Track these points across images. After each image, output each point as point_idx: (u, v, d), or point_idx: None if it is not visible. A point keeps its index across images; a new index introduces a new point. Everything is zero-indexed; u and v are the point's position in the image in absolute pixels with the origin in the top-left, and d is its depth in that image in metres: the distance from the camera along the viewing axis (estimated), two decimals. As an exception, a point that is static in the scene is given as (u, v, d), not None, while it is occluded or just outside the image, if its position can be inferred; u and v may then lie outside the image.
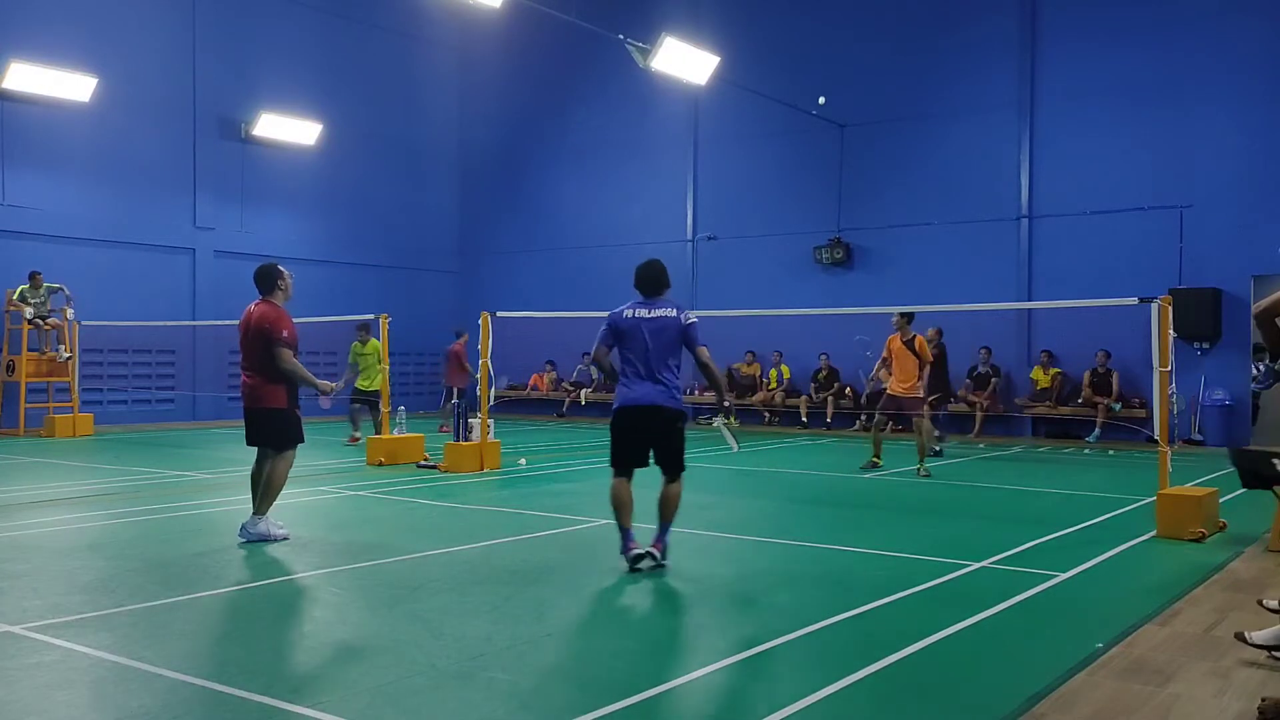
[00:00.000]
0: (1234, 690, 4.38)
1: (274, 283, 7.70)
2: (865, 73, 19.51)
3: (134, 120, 19.29)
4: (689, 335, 6.67)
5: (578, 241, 22.90)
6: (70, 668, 4.59)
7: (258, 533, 7.47)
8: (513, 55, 23.56)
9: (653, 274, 6.85)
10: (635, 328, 6.64)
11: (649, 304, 6.75)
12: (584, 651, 5.08)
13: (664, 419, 6.60)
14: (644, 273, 6.87)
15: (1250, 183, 16.11)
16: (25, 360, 17.08)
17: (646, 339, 6.60)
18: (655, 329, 6.61)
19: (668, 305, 6.74)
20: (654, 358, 6.58)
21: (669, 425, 6.62)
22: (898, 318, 12.43)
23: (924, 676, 4.57)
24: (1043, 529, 8.22)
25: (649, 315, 6.66)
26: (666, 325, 6.63)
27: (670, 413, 6.62)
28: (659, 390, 6.58)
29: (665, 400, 6.59)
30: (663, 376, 6.59)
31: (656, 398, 6.57)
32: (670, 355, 6.62)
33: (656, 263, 6.91)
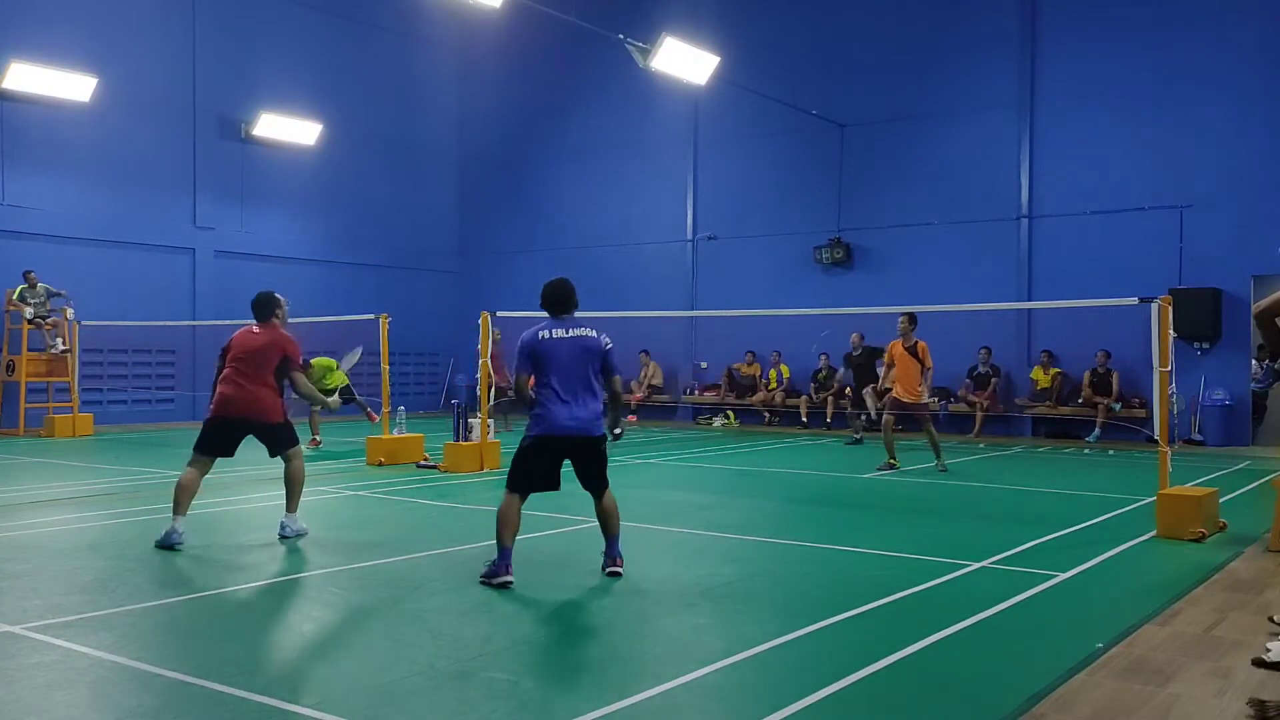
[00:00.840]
0: (1234, 690, 4.38)
1: (272, 310, 7.85)
2: (865, 73, 19.51)
3: (134, 120, 19.29)
4: (608, 360, 6.50)
5: (578, 241, 22.89)
6: (70, 668, 4.59)
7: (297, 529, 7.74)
8: (513, 55, 23.56)
9: (563, 293, 6.56)
10: (555, 349, 6.36)
11: (564, 323, 6.48)
12: (583, 651, 5.08)
13: (594, 447, 6.42)
14: (553, 292, 6.56)
15: (1250, 183, 16.11)
16: (25, 360, 17.08)
17: (568, 361, 6.35)
18: (577, 351, 6.39)
19: (584, 325, 6.52)
20: (578, 381, 6.34)
21: (597, 452, 6.45)
22: (903, 322, 12.39)
23: (924, 676, 4.57)
24: (1043, 529, 8.22)
25: (568, 335, 6.41)
26: (588, 347, 6.42)
27: (596, 440, 6.44)
28: (588, 417, 6.35)
29: (595, 428, 6.40)
30: (587, 401, 6.36)
31: (588, 427, 6.35)
32: (591, 377, 6.41)
33: (565, 282, 6.63)
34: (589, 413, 6.36)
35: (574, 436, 6.33)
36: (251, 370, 7.62)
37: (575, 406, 6.31)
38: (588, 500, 9.66)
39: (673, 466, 13.17)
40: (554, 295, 6.56)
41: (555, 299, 6.55)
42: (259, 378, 7.62)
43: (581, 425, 6.32)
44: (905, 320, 12.38)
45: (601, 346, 6.46)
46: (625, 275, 21.84)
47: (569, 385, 6.32)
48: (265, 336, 7.72)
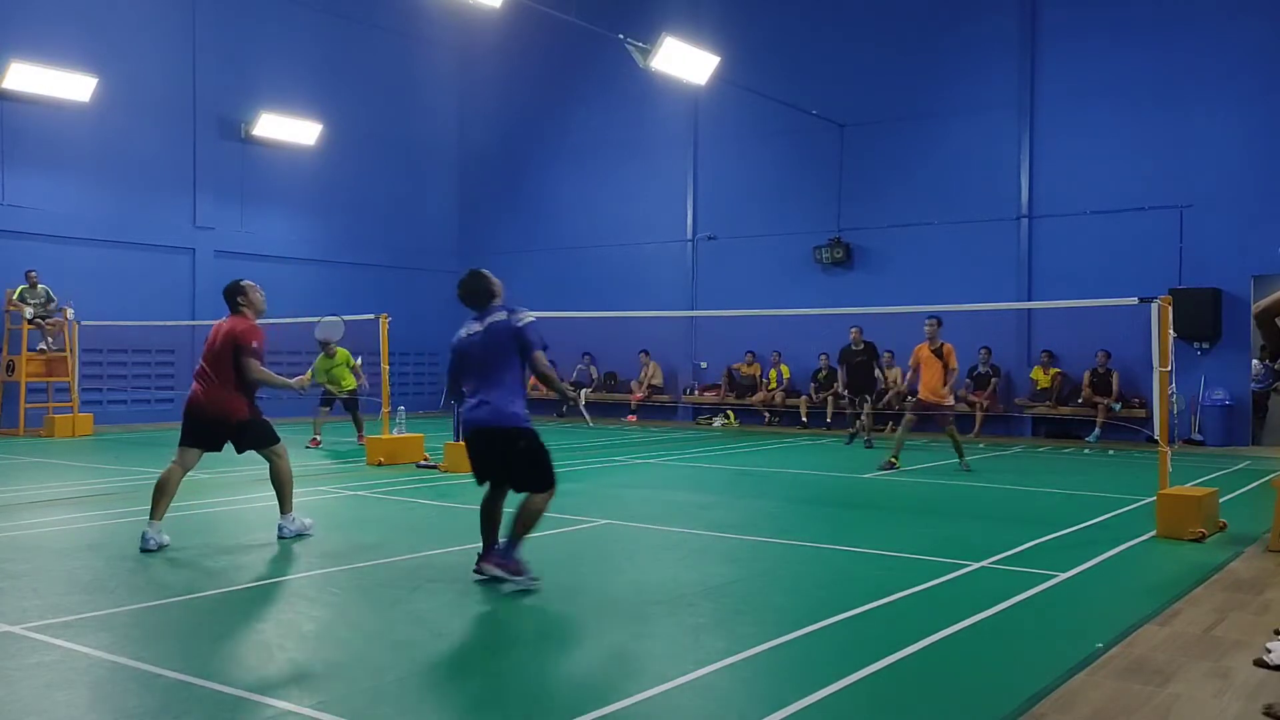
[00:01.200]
0: (1234, 690, 4.38)
1: (234, 299, 7.63)
2: (865, 73, 19.51)
3: (134, 120, 19.29)
4: (523, 337, 6.07)
5: (578, 241, 22.90)
6: (70, 668, 4.59)
7: (297, 528, 7.72)
8: (513, 55, 23.56)
9: (474, 287, 6.31)
10: (469, 346, 6.18)
11: (480, 317, 6.25)
12: (583, 651, 5.08)
13: (507, 440, 6.02)
14: (463, 289, 6.35)
15: (1250, 183, 16.12)
16: (25, 360, 17.08)
17: (481, 354, 6.12)
18: (487, 341, 6.12)
19: (500, 310, 6.21)
20: (485, 374, 6.08)
21: (508, 446, 6.02)
22: (930, 325, 12.54)
23: (924, 676, 4.57)
24: (1043, 529, 8.22)
25: (480, 328, 6.18)
26: (497, 331, 6.10)
27: (507, 433, 6.00)
28: (498, 408, 6.00)
29: (508, 419, 6.00)
30: (493, 394, 6.02)
31: (498, 418, 6.00)
32: (503, 367, 6.06)
33: (478, 273, 6.38)
34: (499, 404, 5.99)
35: (484, 428, 6.03)
36: (211, 368, 7.44)
37: (485, 398, 6.04)
38: (588, 500, 9.70)
39: (673, 466, 13.18)
40: (463, 292, 6.36)
41: (465, 295, 6.35)
42: (219, 375, 7.41)
43: (489, 416, 6.00)
44: (933, 323, 12.52)
45: (512, 327, 6.08)
46: (625, 275, 21.85)
47: (481, 378, 6.10)
48: (224, 328, 7.52)
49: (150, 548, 7.12)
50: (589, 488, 10.82)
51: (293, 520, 7.71)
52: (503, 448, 6.03)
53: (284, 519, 7.71)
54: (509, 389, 6.05)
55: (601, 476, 11.88)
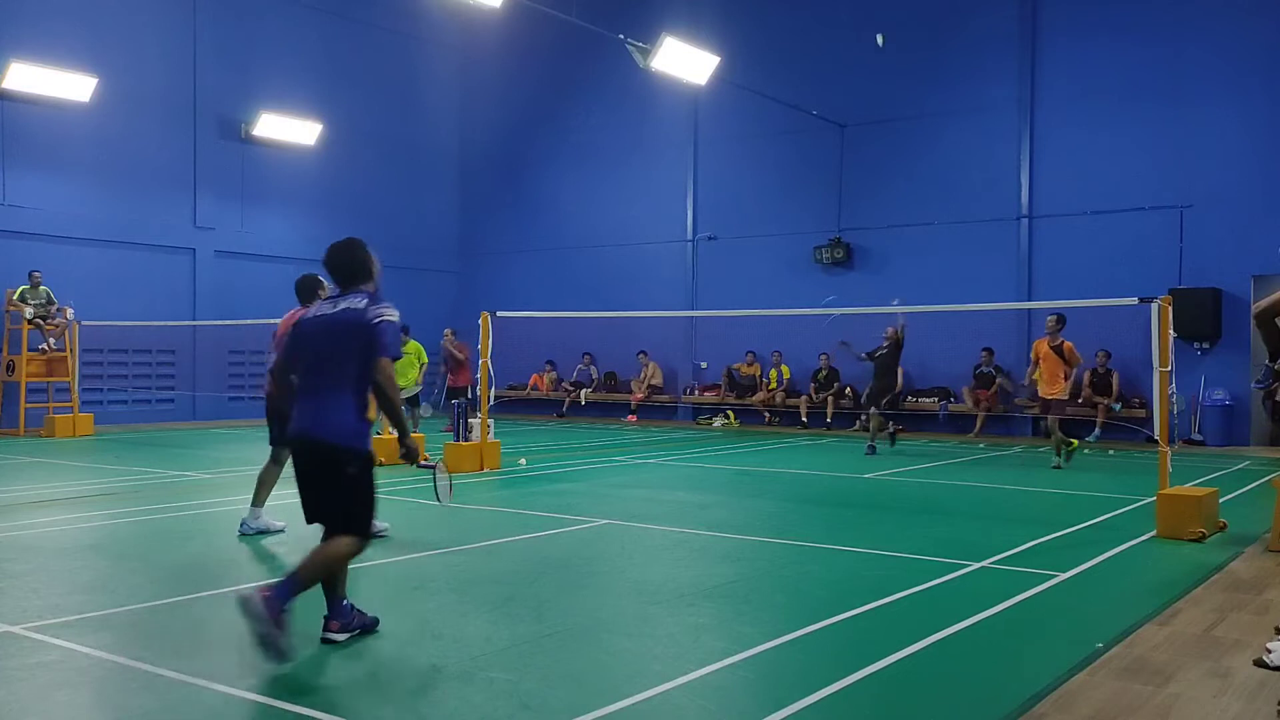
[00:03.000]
0: (1234, 690, 4.38)
1: (314, 294, 7.42)
2: (865, 73, 19.51)
3: (134, 120, 19.29)
4: (373, 335, 4.80)
5: (578, 241, 22.90)
6: (70, 668, 4.59)
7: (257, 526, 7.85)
8: (513, 55, 23.55)
9: (343, 258, 5.04)
10: (312, 330, 4.96)
11: (337, 299, 5.01)
12: (584, 651, 5.08)
13: (329, 460, 4.79)
14: (332, 257, 5.06)
15: (1250, 183, 16.12)
16: (25, 360, 17.08)
17: (322, 345, 4.88)
18: (332, 329, 4.87)
19: (358, 297, 4.95)
20: (323, 370, 4.86)
21: (335, 468, 4.78)
22: (1051, 321, 12.71)
23: (924, 676, 4.57)
24: (1043, 529, 8.22)
25: (331, 311, 4.93)
26: (347, 323, 4.83)
27: (335, 451, 4.77)
28: (323, 416, 4.81)
29: (326, 431, 4.79)
30: (327, 398, 4.81)
31: (315, 427, 4.81)
32: (345, 366, 4.82)
33: (354, 242, 5.13)
34: (333, 412, 4.80)
35: (310, 440, 4.83)
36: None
37: (317, 402, 4.85)
38: (588, 500, 9.70)
39: (673, 466, 13.17)
40: (330, 262, 5.06)
41: (332, 267, 5.07)
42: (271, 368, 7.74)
43: (315, 425, 4.82)
44: (1055, 320, 12.70)
45: (366, 321, 4.81)
46: (625, 275, 21.85)
47: (318, 374, 4.90)
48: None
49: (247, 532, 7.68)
50: (589, 488, 10.82)
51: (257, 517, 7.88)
52: (328, 469, 4.79)
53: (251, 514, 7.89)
54: (347, 401, 4.81)
55: (601, 476, 11.88)
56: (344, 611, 4.96)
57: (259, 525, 7.79)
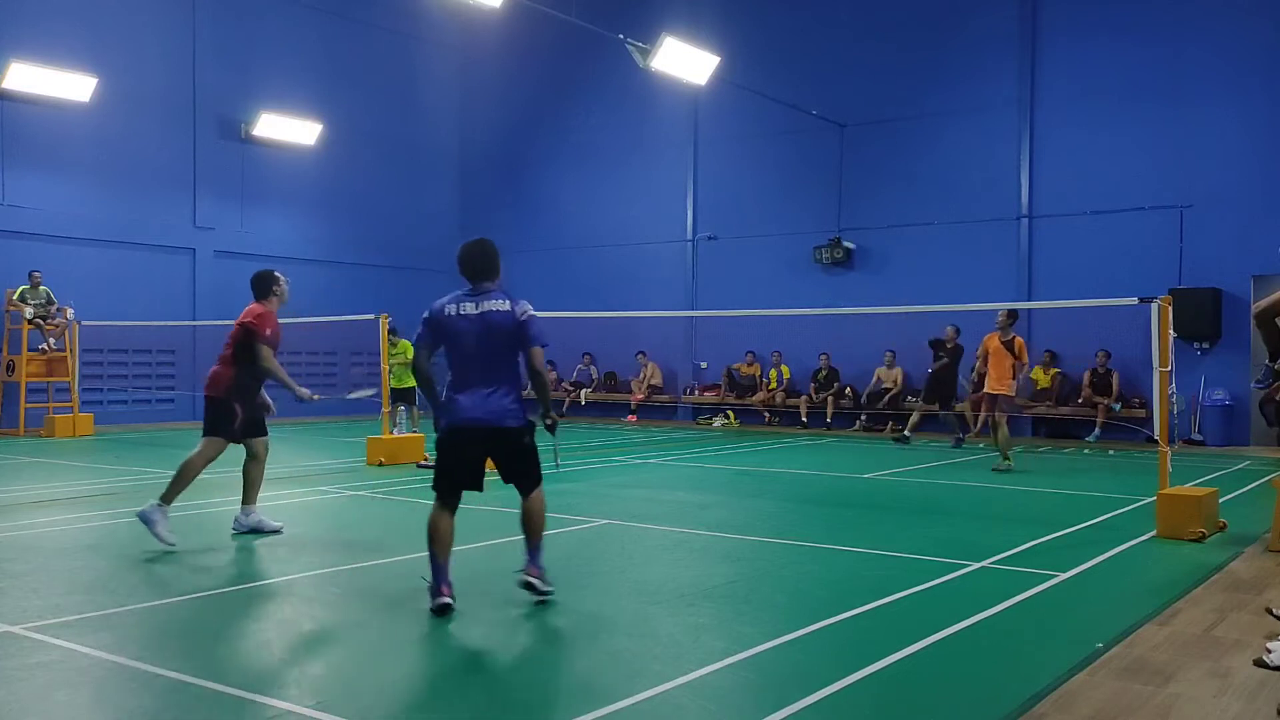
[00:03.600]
0: (1234, 690, 4.38)
1: (269, 287, 7.87)
2: (865, 73, 19.51)
3: (134, 120, 19.29)
4: (526, 332, 5.59)
5: (578, 241, 22.90)
6: (70, 668, 4.59)
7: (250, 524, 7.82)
8: (513, 55, 23.55)
9: (476, 255, 5.75)
10: (460, 328, 5.59)
11: (475, 296, 5.66)
12: (584, 651, 5.08)
13: (510, 440, 5.64)
14: (467, 256, 5.77)
15: (1250, 183, 16.12)
16: (25, 360, 17.09)
17: (476, 341, 5.56)
18: (486, 328, 5.56)
19: (499, 297, 5.65)
20: (487, 364, 5.57)
21: (516, 444, 5.66)
22: (1003, 316, 12.57)
23: (924, 677, 4.57)
24: (1043, 529, 8.22)
25: (476, 311, 5.59)
26: (498, 323, 5.57)
27: (517, 432, 5.63)
28: (499, 406, 5.56)
29: (509, 418, 5.59)
30: (499, 387, 5.56)
31: (500, 417, 5.56)
32: (505, 360, 5.61)
33: (485, 243, 5.83)
34: (500, 401, 5.55)
35: (480, 427, 5.55)
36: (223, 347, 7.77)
37: (483, 394, 5.53)
38: (588, 500, 9.69)
39: (673, 466, 13.17)
40: (468, 259, 5.75)
41: (470, 263, 5.74)
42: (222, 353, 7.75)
43: (491, 415, 5.54)
44: (1006, 315, 12.59)
45: (515, 319, 5.57)
46: (625, 275, 21.85)
47: (476, 370, 5.56)
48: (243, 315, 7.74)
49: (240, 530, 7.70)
50: (589, 488, 10.82)
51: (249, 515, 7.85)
52: (504, 449, 5.67)
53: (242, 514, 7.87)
54: (512, 384, 5.64)
55: (601, 476, 11.88)
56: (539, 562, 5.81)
57: (250, 523, 7.78)
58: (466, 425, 5.57)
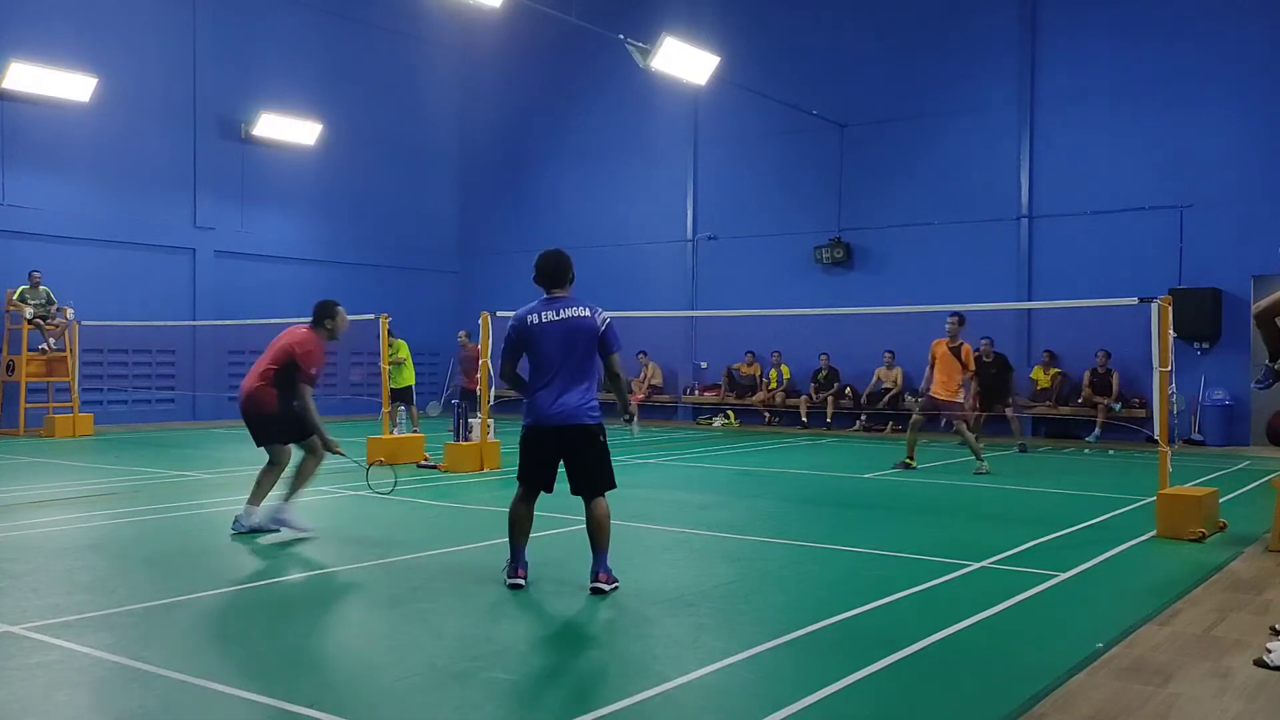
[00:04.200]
0: (1234, 690, 4.38)
1: (322, 318, 7.84)
2: (865, 72, 19.51)
3: (134, 120, 19.29)
4: (605, 339, 6.00)
5: (578, 241, 22.84)
6: (70, 668, 4.59)
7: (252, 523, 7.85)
8: (513, 55, 23.55)
9: (553, 265, 6.12)
10: (543, 333, 5.95)
11: (555, 304, 6.04)
12: (583, 651, 5.08)
13: (586, 439, 5.97)
14: (545, 265, 6.14)
15: (1250, 183, 16.12)
16: (25, 360, 17.08)
17: (558, 346, 5.94)
18: (567, 333, 5.94)
19: (578, 304, 6.04)
20: (569, 368, 5.92)
21: (592, 444, 5.98)
22: (952, 321, 12.42)
23: (924, 676, 4.57)
24: (1043, 529, 8.22)
25: (558, 318, 5.97)
26: (580, 328, 5.95)
27: (593, 430, 5.97)
28: (576, 404, 5.91)
29: (586, 418, 5.94)
30: (577, 387, 5.93)
31: (576, 415, 5.91)
32: (586, 363, 5.98)
33: (559, 253, 6.22)
34: (577, 400, 5.91)
35: (560, 426, 5.92)
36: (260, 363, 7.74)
37: (562, 393, 5.90)
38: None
39: (673, 466, 13.18)
40: (546, 268, 6.12)
41: (547, 272, 6.11)
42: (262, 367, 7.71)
43: (567, 413, 5.90)
44: (954, 320, 12.42)
45: (596, 326, 5.96)
46: (625, 275, 21.83)
47: (556, 371, 5.92)
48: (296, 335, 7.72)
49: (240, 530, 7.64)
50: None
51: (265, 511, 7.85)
52: (577, 446, 5.96)
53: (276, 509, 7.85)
54: (590, 389, 6.00)
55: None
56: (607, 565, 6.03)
57: (253, 523, 7.76)
58: (545, 425, 5.93)
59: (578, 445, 5.97)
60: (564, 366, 5.92)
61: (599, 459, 6.01)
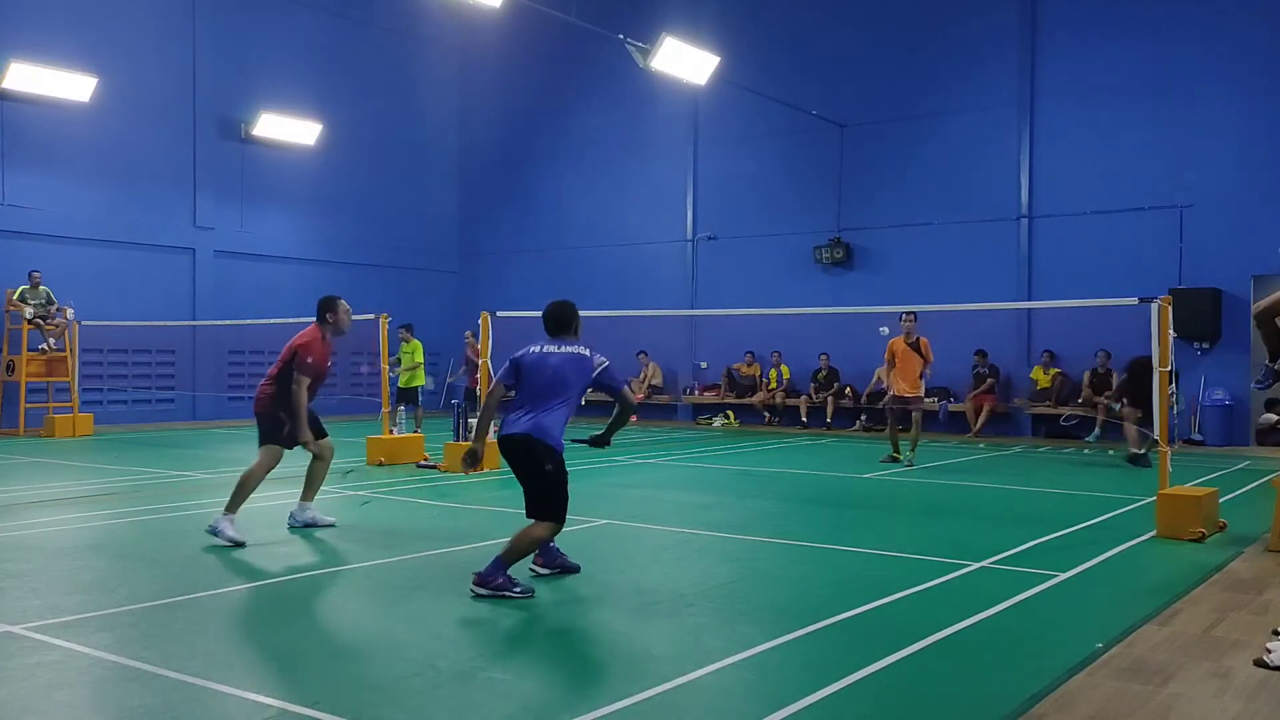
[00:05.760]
0: (1234, 690, 4.38)
1: (323, 312, 7.93)
2: (865, 73, 19.51)
3: (134, 120, 19.29)
4: (603, 379, 6.27)
5: (578, 241, 22.90)
6: (70, 668, 4.59)
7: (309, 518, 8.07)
8: (513, 55, 23.55)
9: (559, 316, 6.47)
10: (536, 364, 6.24)
11: (559, 342, 6.39)
12: (583, 652, 5.08)
13: (531, 451, 6.06)
14: (550, 314, 6.51)
15: (1250, 183, 16.11)
16: (25, 360, 17.08)
17: (545, 374, 6.19)
18: (562, 368, 6.20)
19: (579, 345, 6.38)
20: (544, 394, 6.15)
21: (536, 463, 6.06)
22: (908, 319, 12.57)
23: (924, 677, 4.57)
24: (1043, 529, 8.22)
25: (557, 351, 6.30)
26: (574, 364, 6.20)
27: (538, 445, 6.04)
28: (536, 422, 6.07)
29: (536, 433, 6.05)
30: (540, 414, 6.08)
31: (527, 429, 6.06)
32: (563, 396, 6.15)
33: (566, 304, 6.54)
34: (542, 422, 6.05)
35: (519, 436, 6.07)
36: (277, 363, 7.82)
37: (532, 413, 6.09)
38: (587, 500, 9.69)
39: (673, 466, 13.17)
40: (550, 316, 6.49)
41: (552, 320, 6.48)
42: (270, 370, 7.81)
43: (528, 428, 6.05)
44: (909, 318, 12.61)
45: (591, 367, 6.22)
46: (625, 275, 21.84)
47: (538, 397, 6.13)
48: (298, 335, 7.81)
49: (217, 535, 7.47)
50: (589, 488, 10.82)
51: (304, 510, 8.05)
52: (532, 462, 6.06)
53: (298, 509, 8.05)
54: (557, 415, 6.13)
55: (601, 476, 11.88)
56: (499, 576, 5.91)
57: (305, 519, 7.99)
58: (509, 434, 6.13)
59: (535, 457, 6.04)
60: (545, 394, 6.12)
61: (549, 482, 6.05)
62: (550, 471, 6.04)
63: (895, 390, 12.70)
